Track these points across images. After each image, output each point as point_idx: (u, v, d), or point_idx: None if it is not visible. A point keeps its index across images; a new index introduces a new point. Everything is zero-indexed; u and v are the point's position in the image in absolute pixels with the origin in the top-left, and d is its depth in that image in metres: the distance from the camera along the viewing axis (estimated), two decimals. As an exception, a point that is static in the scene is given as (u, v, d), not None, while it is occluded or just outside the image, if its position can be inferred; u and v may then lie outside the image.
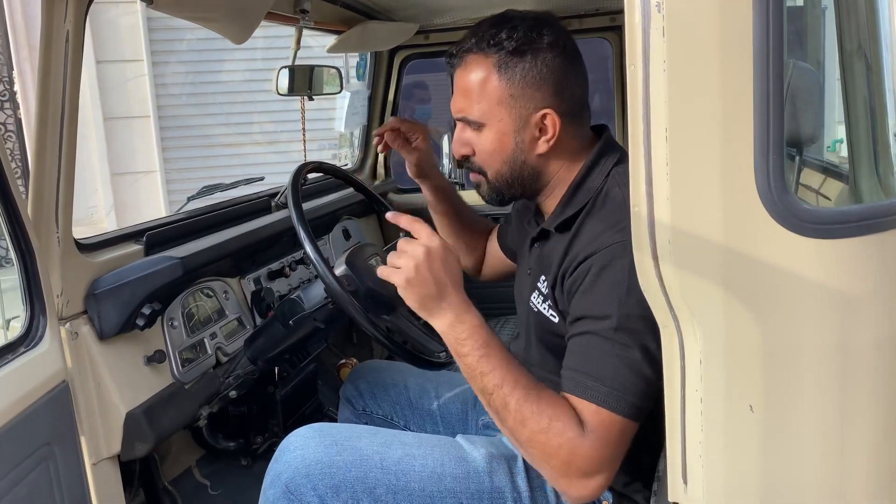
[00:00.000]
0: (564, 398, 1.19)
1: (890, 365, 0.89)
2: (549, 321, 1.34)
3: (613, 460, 1.16)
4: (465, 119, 1.34)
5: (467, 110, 1.33)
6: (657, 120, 0.85)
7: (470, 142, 1.36)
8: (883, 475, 0.91)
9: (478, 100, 1.31)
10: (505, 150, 1.33)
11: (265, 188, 2.49)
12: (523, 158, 1.34)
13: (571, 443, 1.14)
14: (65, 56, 1.35)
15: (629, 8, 0.85)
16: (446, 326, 1.23)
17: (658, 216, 0.87)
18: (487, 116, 1.31)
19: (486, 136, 1.33)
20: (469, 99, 1.32)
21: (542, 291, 1.37)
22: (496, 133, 1.32)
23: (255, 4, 1.74)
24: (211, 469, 2.07)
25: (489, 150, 1.34)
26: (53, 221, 1.42)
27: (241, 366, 1.82)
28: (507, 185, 1.37)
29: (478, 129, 1.33)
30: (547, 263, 1.37)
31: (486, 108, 1.31)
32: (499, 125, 1.31)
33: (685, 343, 0.90)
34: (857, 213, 0.91)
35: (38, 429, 1.31)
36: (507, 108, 1.30)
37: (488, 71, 1.29)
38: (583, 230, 1.29)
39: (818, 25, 1.40)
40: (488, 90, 1.30)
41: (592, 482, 1.16)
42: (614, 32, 2.85)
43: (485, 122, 1.32)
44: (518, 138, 1.32)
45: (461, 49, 1.33)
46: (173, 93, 6.92)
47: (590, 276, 1.20)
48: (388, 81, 2.99)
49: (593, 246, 1.22)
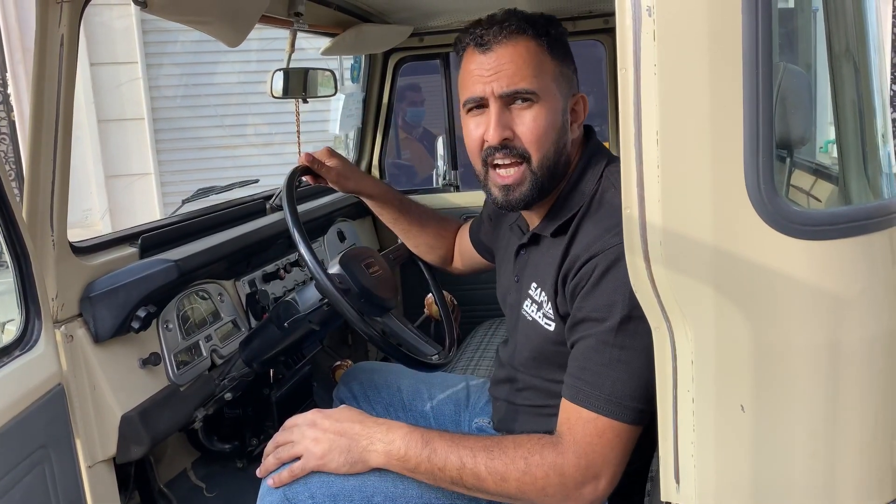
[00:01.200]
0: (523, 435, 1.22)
1: (878, 365, 0.90)
2: (544, 329, 1.34)
3: (609, 463, 1.17)
4: (518, 91, 1.27)
5: (521, 82, 1.27)
6: (648, 123, 0.86)
7: (512, 123, 1.30)
8: (872, 474, 0.92)
9: (535, 72, 1.28)
10: (556, 127, 1.31)
11: (260, 190, 2.49)
12: (565, 140, 1.34)
13: (555, 465, 1.16)
14: (59, 60, 1.36)
15: (620, 12, 0.86)
16: (383, 457, 1.24)
17: (649, 218, 0.87)
18: (544, 90, 1.29)
19: (540, 112, 1.29)
20: (523, 72, 1.27)
21: (536, 300, 1.36)
22: (551, 108, 1.30)
23: (250, 8, 1.74)
24: (206, 471, 2.08)
25: (543, 125, 1.29)
26: (48, 224, 1.42)
27: (237, 368, 1.83)
28: (550, 172, 1.32)
29: (528, 105, 1.29)
30: (541, 270, 1.37)
31: (543, 81, 1.29)
32: (553, 100, 1.30)
33: (677, 344, 0.91)
34: (846, 214, 0.91)
35: (33, 432, 1.32)
36: (558, 86, 1.31)
37: (541, 49, 1.30)
38: (580, 232, 1.29)
39: (809, 28, 1.41)
40: (545, 65, 1.30)
41: (592, 488, 1.17)
42: (607, 35, 2.86)
43: (542, 94, 1.29)
44: (564, 117, 1.33)
45: (503, 28, 1.29)
46: (167, 95, 6.92)
47: (593, 278, 1.20)
48: (382, 84, 3.00)
49: (596, 247, 1.22)
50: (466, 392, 1.75)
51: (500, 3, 1.53)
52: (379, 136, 3.08)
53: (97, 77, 6.61)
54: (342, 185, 1.76)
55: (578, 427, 1.17)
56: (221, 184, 2.48)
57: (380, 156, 3.11)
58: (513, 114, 1.30)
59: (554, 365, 1.33)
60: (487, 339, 2.49)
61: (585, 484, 1.16)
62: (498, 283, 1.62)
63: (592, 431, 1.16)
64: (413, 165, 5.26)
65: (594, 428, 1.16)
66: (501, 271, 1.60)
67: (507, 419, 1.49)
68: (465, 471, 1.19)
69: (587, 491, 1.17)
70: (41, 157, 1.38)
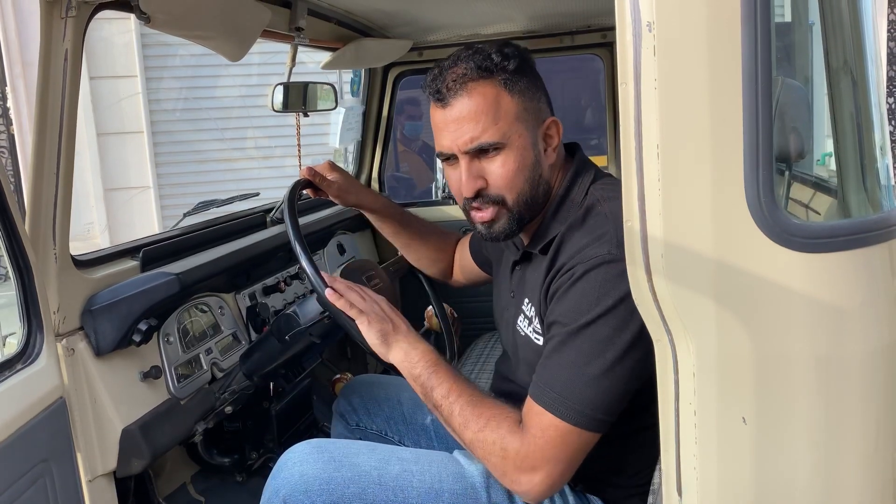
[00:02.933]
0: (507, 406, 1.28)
1: (879, 377, 0.90)
2: (535, 344, 1.36)
3: (548, 460, 1.19)
4: (481, 146, 1.29)
5: (482, 136, 1.28)
6: (649, 137, 0.86)
7: (483, 172, 1.31)
8: (874, 486, 0.92)
9: (495, 120, 1.28)
10: (527, 164, 1.32)
11: (260, 203, 2.50)
12: (540, 172, 1.35)
13: (504, 438, 1.22)
14: (63, 75, 1.37)
15: (621, 27, 0.87)
16: (402, 354, 1.37)
17: (651, 231, 0.88)
18: (508, 135, 1.29)
19: (508, 157, 1.30)
20: (483, 124, 1.28)
21: (528, 315, 1.39)
22: (518, 149, 1.30)
23: (251, 23, 1.76)
24: (206, 485, 2.07)
25: (512, 169, 1.30)
26: (51, 238, 1.43)
27: (237, 381, 1.82)
28: (528, 206, 1.34)
29: (496, 153, 1.30)
30: (530, 286, 1.39)
31: (505, 126, 1.29)
32: (520, 140, 1.30)
33: (679, 356, 0.91)
34: (846, 227, 0.92)
35: (35, 445, 1.31)
36: (524, 123, 1.31)
37: (497, 91, 1.29)
38: (564, 246, 1.31)
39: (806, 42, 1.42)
40: (504, 108, 1.29)
41: (527, 479, 1.21)
42: (605, 49, 2.88)
43: (506, 141, 1.29)
44: (535, 151, 1.33)
45: (456, 79, 1.29)
46: (167, 108, 6.94)
47: (568, 283, 1.24)
48: (381, 97, 3.01)
49: (578, 256, 1.25)
50: (467, 405, 1.75)
51: (498, 17, 1.55)
52: (378, 149, 3.09)
53: (96, 90, 6.63)
54: (343, 198, 1.77)
55: (529, 419, 1.23)
56: (222, 197, 2.49)
57: (379, 168, 3.12)
58: (482, 163, 1.32)
59: None
60: (488, 351, 2.49)
61: (522, 472, 1.21)
62: (495, 298, 1.63)
63: (538, 425, 1.20)
64: (412, 178, 5.28)
65: (539, 423, 1.20)
66: (498, 286, 1.61)
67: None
68: (446, 401, 1.30)
69: (523, 480, 1.21)
70: (44, 170, 1.39)
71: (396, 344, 1.38)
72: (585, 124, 5.53)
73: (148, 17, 1.43)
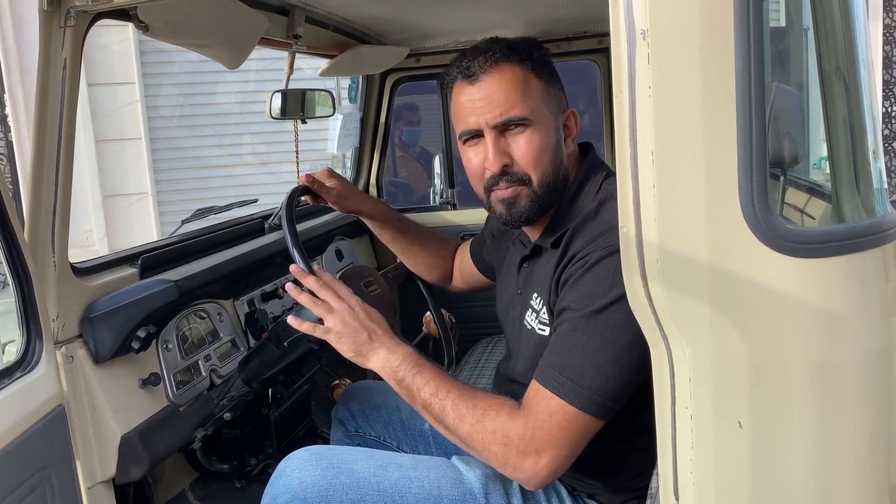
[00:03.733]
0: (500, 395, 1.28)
1: (873, 381, 0.91)
2: (537, 335, 1.37)
3: (554, 443, 1.19)
4: (510, 119, 1.32)
5: (512, 110, 1.31)
6: (644, 143, 0.87)
7: (508, 148, 1.34)
8: (869, 490, 0.93)
9: (524, 97, 1.32)
10: (551, 146, 1.35)
11: (259, 210, 2.51)
12: (561, 157, 1.38)
13: (505, 425, 1.22)
14: (62, 83, 1.37)
15: (615, 35, 0.87)
16: (381, 361, 1.36)
17: (646, 237, 0.89)
18: (536, 113, 1.33)
19: (535, 134, 1.33)
20: (512, 99, 1.31)
21: (535, 308, 1.39)
22: (544, 129, 1.34)
23: (249, 30, 1.77)
24: (205, 492, 2.07)
25: (538, 147, 1.33)
26: (50, 245, 1.43)
27: (236, 387, 1.83)
28: (549, 189, 1.36)
29: (522, 129, 1.33)
30: (538, 280, 1.40)
31: (533, 104, 1.33)
32: (545, 121, 1.34)
33: (675, 361, 0.92)
34: (840, 232, 0.93)
35: (34, 453, 1.32)
36: (548, 105, 1.35)
37: (527, 73, 1.33)
38: (576, 237, 1.32)
39: (800, 47, 1.43)
40: (532, 88, 1.33)
41: (532, 462, 1.20)
42: (602, 55, 2.89)
43: (533, 118, 1.32)
44: (558, 135, 1.37)
45: (488, 58, 1.33)
46: (165, 115, 6.94)
47: (580, 271, 1.25)
48: (379, 103, 3.02)
49: (590, 246, 1.26)
50: (465, 410, 1.76)
51: (496, 25, 1.56)
52: (376, 155, 3.10)
53: (95, 98, 6.63)
54: (342, 205, 1.77)
55: (535, 402, 1.22)
56: (220, 203, 2.49)
57: (377, 174, 3.13)
58: (508, 140, 1.34)
59: None
60: (486, 357, 2.50)
61: (526, 456, 1.20)
62: (498, 300, 1.63)
63: (545, 409, 1.20)
64: (410, 184, 5.28)
65: (547, 406, 1.20)
66: (503, 287, 1.62)
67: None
68: (436, 399, 1.29)
69: (528, 464, 1.20)
70: (43, 178, 1.39)
71: (373, 352, 1.37)
72: (583, 129, 5.54)
73: (146, 26, 1.44)
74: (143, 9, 1.42)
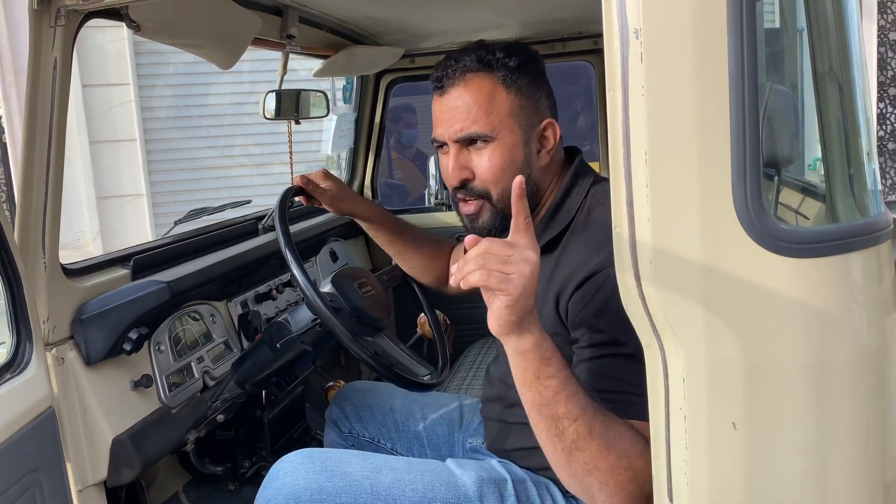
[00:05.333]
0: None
1: (867, 381, 0.91)
2: None
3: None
4: (470, 136, 1.30)
5: (472, 126, 1.30)
6: (637, 143, 0.87)
7: (469, 163, 1.33)
8: (864, 490, 0.93)
9: (486, 113, 1.30)
10: (515, 162, 1.32)
11: (252, 211, 2.50)
12: (529, 172, 1.35)
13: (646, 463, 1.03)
14: (52, 83, 1.36)
15: (608, 34, 0.87)
16: (533, 344, 1.05)
17: (639, 237, 0.88)
18: (498, 129, 1.30)
19: (496, 151, 1.31)
20: (474, 114, 1.30)
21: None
22: (507, 146, 1.31)
23: (242, 30, 1.76)
24: (198, 494, 2.06)
25: (498, 165, 1.31)
26: (40, 246, 1.42)
27: (229, 389, 1.82)
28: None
29: (484, 145, 1.31)
30: None
31: (496, 120, 1.30)
32: (510, 137, 1.31)
33: (668, 362, 0.91)
34: (833, 232, 0.93)
35: (24, 456, 1.31)
36: (516, 120, 1.32)
37: (494, 85, 1.31)
38: (569, 250, 1.30)
39: (794, 48, 1.43)
40: (497, 103, 1.31)
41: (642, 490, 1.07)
42: (597, 55, 2.89)
43: (495, 135, 1.30)
44: (526, 150, 1.34)
45: (457, 69, 1.31)
46: (159, 116, 6.93)
47: (599, 297, 1.18)
48: (374, 104, 3.02)
49: (592, 266, 1.21)
50: (459, 412, 1.75)
51: (491, 25, 1.56)
52: (371, 157, 3.10)
53: (89, 99, 6.62)
54: (337, 206, 1.77)
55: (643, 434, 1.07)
56: (214, 205, 2.48)
57: (372, 176, 3.12)
58: (471, 154, 1.33)
59: None
60: (481, 359, 2.49)
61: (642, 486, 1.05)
62: None
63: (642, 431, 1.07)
64: (405, 185, 5.28)
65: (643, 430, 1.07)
66: None
67: (499, 438, 1.48)
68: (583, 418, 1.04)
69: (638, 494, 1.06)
70: (33, 179, 1.39)
71: (530, 329, 1.05)
72: (578, 130, 5.55)
73: (138, 25, 1.43)
74: (135, 8, 1.41)
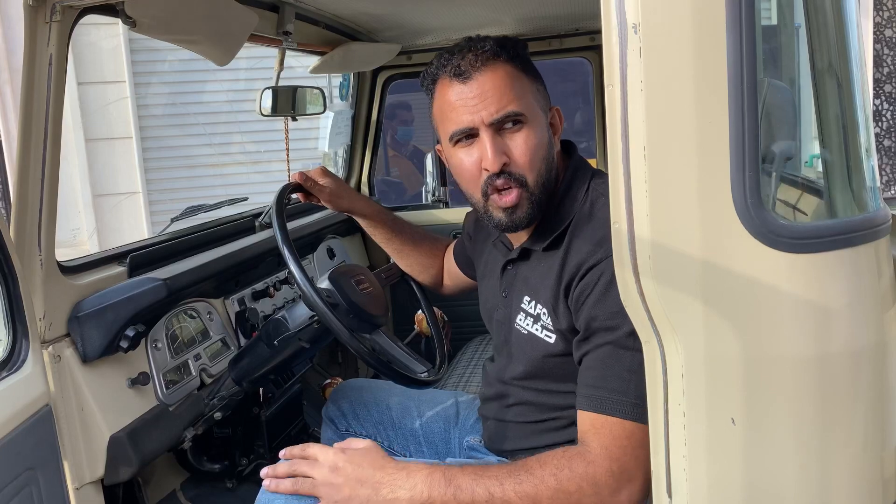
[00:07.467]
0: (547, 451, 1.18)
1: (866, 376, 0.91)
2: (543, 343, 1.32)
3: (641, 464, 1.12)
4: (508, 115, 1.28)
5: (508, 106, 1.28)
6: (636, 139, 0.87)
7: (506, 147, 1.30)
8: (862, 485, 0.93)
9: (518, 94, 1.30)
10: (545, 143, 1.33)
11: (249, 208, 2.49)
12: (553, 154, 1.36)
13: (586, 476, 1.13)
14: (48, 79, 1.36)
15: (606, 30, 0.87)
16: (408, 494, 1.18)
17: (638, 232, 0.88)
18: (529, 110, 1.31)
19: (530, 132, 1.30)
20: (507, 96, 1.28)
21: (531, 313, 1.36)
22: (537, 127, 1.32)
23: (238, 27, 1.75)
24: (196, 492, 2.05)
25: (533, 145, 1.30)
26: (36, 244, 1.41)
27: (226, 387, 1.81)
28: (544, 190, 1.32)
29: (517, 127, 1.30)
30: (533, 284, 1.36)
31: (526, 102, 1.31)
32: (537, 118, 1.32)
33: (667, 357, 0.91)
34: (832, 227, 0.93)
35: (20, 453, 1.30)
36: (538, 103, 1.34)
37: (517, 70, 1.32)
38: (575, 243, 1.29)
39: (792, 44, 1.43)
40: (524, 86, 1.32)
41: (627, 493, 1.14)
42: (594, 52, 2.89)
43: (529, 115, 1.30)
44: (549, 133, 1.36)
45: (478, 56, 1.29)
46: (155, 113, 6.91)
47: (599, 286, 1.20)
48: (371, 101, 3.01)
49: (597, 256, 1.22)
50: (456, 409, 1.74)
51: (488, 21, 1.55)
52: (368, 153, 3.09)
53: (85, 96, 6.59)
54: (335, 203, 1.76)
55: (606, 433, 1.15)
56: (210, 202, 2.48)
57: (369, 173, 3.12)
58: (505, 138, 1.30)
59: (550, 378, 1.33)
60: (478, 355, 2.49)
61: (621, 490, 1.13)
62: (481, 300, 1.62)
63: (622, 435, 1.14)
64: (402, 182, 5.27)
65: (623, 431, 1.14)
66: (485, 288, 1.60)
67: (497, 437, 1.48)
68: (495, 501, 1.15)
69: (623, 497, 1.14)
70: (29, 176, 1.38)
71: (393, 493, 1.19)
72: (575, 127, 5.55)
73: (133, 21, 1.42)
74: (130, 4, 1.40)
